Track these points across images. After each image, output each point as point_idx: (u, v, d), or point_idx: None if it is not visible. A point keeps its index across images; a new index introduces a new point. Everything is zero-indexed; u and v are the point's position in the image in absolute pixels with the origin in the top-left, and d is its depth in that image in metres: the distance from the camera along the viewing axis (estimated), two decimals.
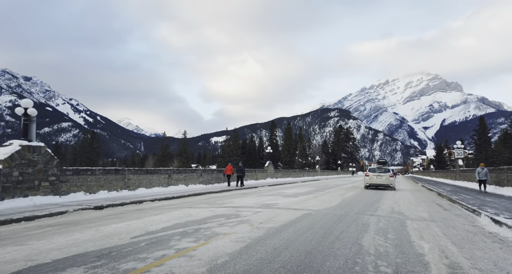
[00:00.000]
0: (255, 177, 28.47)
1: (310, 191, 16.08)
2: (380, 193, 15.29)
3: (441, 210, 9.30)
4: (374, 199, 12.06)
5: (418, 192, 17.49)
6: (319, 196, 13.01)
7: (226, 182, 20.79)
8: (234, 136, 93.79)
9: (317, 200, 11.24)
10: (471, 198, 11.78)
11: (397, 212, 8.49)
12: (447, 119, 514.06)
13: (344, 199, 11.85)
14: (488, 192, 13.99)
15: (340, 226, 6.17)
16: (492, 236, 5.49)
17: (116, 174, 13.50)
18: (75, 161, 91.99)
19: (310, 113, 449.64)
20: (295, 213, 7.86)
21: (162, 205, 9.84)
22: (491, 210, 8.04)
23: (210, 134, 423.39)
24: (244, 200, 11.13)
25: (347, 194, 14.61)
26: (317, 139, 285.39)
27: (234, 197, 12.88)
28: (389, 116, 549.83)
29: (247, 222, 6.33)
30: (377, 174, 18.19)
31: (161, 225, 5.95)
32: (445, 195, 13.17)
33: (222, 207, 8.91)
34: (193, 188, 17.36)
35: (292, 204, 9.77)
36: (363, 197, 12.84)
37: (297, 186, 22.28)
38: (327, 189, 18.37)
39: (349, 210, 8.74)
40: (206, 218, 6.83)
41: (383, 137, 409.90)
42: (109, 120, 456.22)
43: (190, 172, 19.03)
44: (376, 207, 9.49)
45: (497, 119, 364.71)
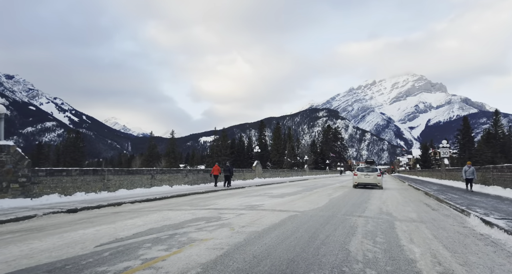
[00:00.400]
0: (243, 177, 28.05)
1: (297, 191, 15.77)
2: (368, 193, 15.12)
3: (430, 210, 9.12)
4: (362, 199, 11.83)
5: (405, 191, 17.44)
6: (306, 196, 12.70)
7: (213, 182, 20.34)
8: (223, 136, 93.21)
9: (304, 201, 10.91)
10: (458, 197, 11.70)
11: (386, 213, 8.24)
12: (432, 119, 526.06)
13: (331, 199, 11.57)
14: (474, 191, 13.98)
15: (326, 229, 5.83)
16: (484, 238, 5.25)
17: (94, 174, 12.84)
18: (58, 161, 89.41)
19: (299, 113, 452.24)
20: (280, 215, 7.49)
21: (142, 208, 9.31)
22: (479, 209, 7.87)
23: (199, 134, 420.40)
24: (228, 201, 10.70)
25: (335, 194, 14.37)
26: (306, 139, 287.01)
27: (219, 198, 12.43)
28: (376, 116, 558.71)
29: (228, 226, 5.91)
30: (365, 173, 18.39)
31: (134, 230, 5.47)
32: (432, 194, 13.08)
33: (204, 209, 8.46)
34: (177, 189, 16.81)
35: (278, 205, 9.41)
36: (350, 197, 12.61)
37: (285, 186, 21.98)
38: (314, 188, 18.13)
39: (336, 211, 8.44)
40: (185, 222, 6.38)
41: (370, 136, 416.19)
42: (95, 120, 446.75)
43: (175, 172, 18.46)
44: (364, 208, 9.23)
45: (479, 119, 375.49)
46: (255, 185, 21.50)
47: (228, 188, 18.38)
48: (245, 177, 28.64)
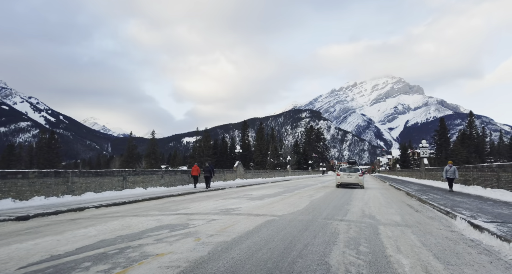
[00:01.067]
0: (223, 178, 27.24)
1: (278, 192, 15.18)
2: (349, 193, 14.75)
3: (413, 211, 8.73)
4: (344, 201, 11.38)
5: (386, 191, 17.23)
6: (287, 198, 12.12)
7: (193, 184, 19.52)
8: (205, 136, 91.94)
9: (284, 203, 10.31)
10: (441, 197, 11.46)
11: (368, 216, 7.75)
12: (410, 120, 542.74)
13: (312, 201, 11.04)
14: (455, 191, 13.86)
15: (305, 237, 5.22)
16: (475, 245, 4.79)
17: (56, 177, 11.72)
18: (31, 163, 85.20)
19: (282, 114, 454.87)
20: (256, 220, 6.83)
21: (106, 213, 8.40)
22: (465, 211, 7.52)
23: (181, 135, 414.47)
24: (203, 205, 9.94)
25: (316, 195, 13.88)
26: (289, 139, 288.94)
27: (194, 200, 11.63)
28: (357, 117, 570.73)
29: (194, 235, 5.18)
30: (348, 173, 18.94)
31: (80, 243, 4.64)
32: (414, 195, 12.83)
33: (174, 214, 7.67)
34: (152, 191, 15.83)
35: (255, 209, 8.74)
36: (332, 198, 12.14)
37: (266, 186, 21.38)
38: (296, 189, 17.62)
39: (317, 214, 7.87)
40: (146, 231, 5.58)
41: (351, 137, 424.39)
42: (73, 120, 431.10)
43: (150, 174, 17.44)
44: (346, 210, 8.73)
45: (454, 121, 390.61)
46: (235, 186, 20.78)
47: (207, 189, 17.61)
48: (226, 177, 27.83)
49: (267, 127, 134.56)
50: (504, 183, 11.09)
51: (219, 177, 26.50)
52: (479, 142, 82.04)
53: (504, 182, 11.20)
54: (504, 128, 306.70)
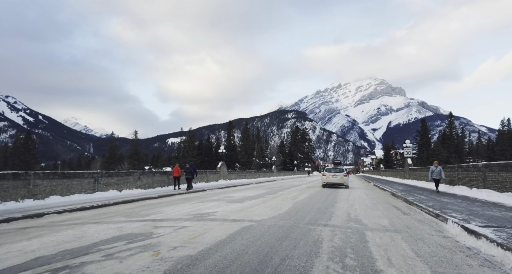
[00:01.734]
0: (206, 179, 26.35)
1: (261, 194, 14.52)
2: (334, 194, 14.27)
3: (400, 214, 8.24)
4: (328, 202, 10.83)
5: (371, 192, 16.88)
6: (269, 200, 11.46)
7: (174, 185, 18.66)
8: (190, 136, 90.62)
9: (265, 206, 9.64)
10: (427, 198, 11.10)
11: (354, 220, 7.19)
12: (392, 121, 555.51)
13: (296, 203, 10.42)
14: (441, 191, 13.57)
15: (284, 247, 4.55)
16: (474, 255, 4.26)
17: (15, 179, 10.61)
18: (6, 165, 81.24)
19: (268, 114, 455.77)
20: (232, 226, 6.12)
21: (65, 220, 7.49)
22: (455, 214, 7.07)
23: (166, 135, 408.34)
24: (177, 209, 9.13)
25: (300, 196, 13.30)
26: (275, 140, 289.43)
27: (170, 204, 10.80)
28: (342, 118, 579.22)
29: (153, 248, 4.41)
30: (333, 173, 19.43)
31: (7, 263, 3.79)
32: (400, 196, 12.45)
33: (140, 221, 6.85)
34: (127, 194, 14.85)
35: (233, 213, 8.02)
36: (316, 200, 11.57)
37: (249, 188, 20.68)
38: (280, 191, 17.01)
39: (299, 218, 7.24)
40: (99, 243, 4.77)
41: (336, 138, 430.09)
42: (53, 120, 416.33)
43: (125, 175, 16.40)
44: (330, 213, 8.15)
45: (434, 122, 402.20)
46: (218, 188, 20.00)
47: (188, 191, 16.80)
48: (209, 178, 26.95)
49: (253, 128, 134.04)
50: (491, 183, 10.83)
51: (201, 178, 25.62)
52: (459, 142, 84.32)
53: (490, 182, 10.96)
54: (481, 129, 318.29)
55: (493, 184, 10.66)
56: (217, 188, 20.02)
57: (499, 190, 10.32)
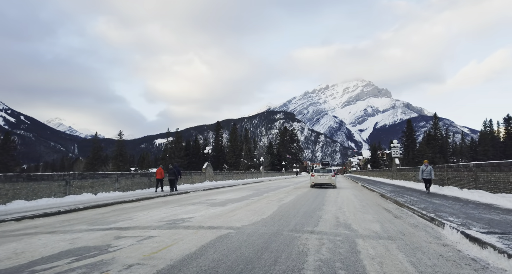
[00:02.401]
0: (190, 181, 25.43)
1: (246, 196, 13.80)
2: (322, 196, 13.70)
3: (392, 217, 7.69)
4: (316, 205, 10.22)
5: (360, 193, 16.43)
6: (253, 203, 10.75)
7: (156, 187, 17.85)
8: (177, 137, 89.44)
9: (248, 210, 8.93)
10: (418, 200, 10.64)
11: (343, 225, 6.57)
12: (379, 122, 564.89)
13: (281, 206, 9.76)
14: (432, 192, 13.15)
15: (263, 262, 3.86)
16: (482, 269, 3.66)
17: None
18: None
19: (257, 115, 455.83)
20: (206, 235, 5.38)
21: (23, 228, 6.59)
22: (451, 217, 6.54)
23: (153, 136, 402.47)
24: (151, 214, 8.31)
25: (287, 198, 12.66)
26: (263, 141, 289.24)
27: (146, 208, 9.95)
28: (329, 119, 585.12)
29: (102, 268, 3.63)
30: (321, 174, 19.80)
31: None
32: (390, 197, 11.97)
33: (102, 230, 6.02)
34: (102, 197, 13.86)
35: (211, 218, 7.28)
36: (303, 203, 10.95)
37: (235, 189, 19.93)
38: (266, 192, 16.34)
39: (284, 224, 6.57)
40: (38, 261, 3.94)
41: (324, 138, 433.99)
42: (36, 121, 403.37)
43: (101, 177, 15.37)
44: (317, 217, 7.52)
45: (419, 123, 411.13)
46: (202, 189, 19.17)
47: (171, 193, 15.95)
48: (193, 180, 26.03)
49: (241, 129, 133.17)
50: (483, 184, 10.47)
51: (186, 180, 24.70)
52: (443, 142, 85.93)
53: (482, 182, 10.60)
54: (463, 130, 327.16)
55: (485, 184, 10.30)
56: (201, 190, 19.22)
57: (491, 190, 9.95)
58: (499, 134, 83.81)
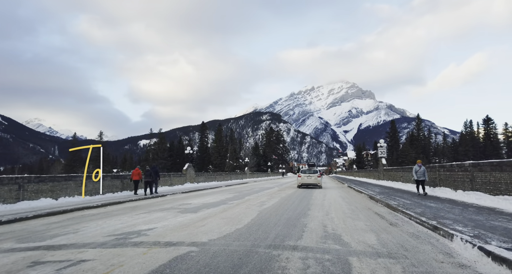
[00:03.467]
0: (169, 182, 23.94)
1: (224, 200, 12.58)
2: (307, 199, 12.66)
3: (387, 225, 6.68)
4: (300, 210, 9.13)
5: (347, 195, 15.52)
6: (231, 209, 9.56)
7: (135, 190, 16.43)
8: (160, 137, 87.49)
9: (222, 217, 7.73)
10: (411, 203, 9.72)
11: (332, 236, 5.48)
12: (363, 123, 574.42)
13: (262, 212, 8.62)
14: (425, 194, 12.21)
15: None
16: None
17: None
18: None
19: (243, 116, 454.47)
20: (158, 257, 4.15)
21: None
22: (457, 226, 5.57)
23: (138, 137, 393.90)
24: (106, 224, 6.98)
25: (269, 202, 11.53)
26: (250, 142, 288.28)
27: (106, 216, 8.60)
28: (315, 120, 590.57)
29: None
30: (308, 175, 20.36)
31: None
32: (380, 199, 11.04)
33: (26, 250, 4.67)
34: (65, 203, 12.34)
35: (174, 230, 6.03)
36: (287, 207, 9.84)
37: (216, 192, 18.66)
38: (248, 195, 15.17)
39: (261, 236, 5.41)
40: None
41: (310, 139, 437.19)
42: (13, 121, 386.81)
43: (63, 180, 13.79)
44: (302, 226, 6.41)
45: (402, 124, 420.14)
46: (181, 192, 17.83)
47: (145, 197, 14.65)
48: (173, 182, 24.54)
49: (228, 130, 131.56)
50: (480, 185, 9.67)
51: (165, 182, 23.22)
52: (426, 143, 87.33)
53: (480, 183, 9.81)
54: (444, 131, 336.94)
55: (484, 185, 9.50)
56: (180, 193, 17.90)
57: (491, 192, 9.15)
58: (478, 135, 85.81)
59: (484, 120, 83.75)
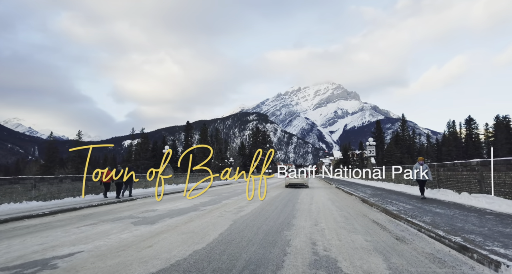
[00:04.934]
0: (144, 185, 21.95)
1: (197, 205, 10.86)
2: (292, 202, 11.13)
3: (394, 241, 5.17)
4: (283, 218, 7.56)
5: (336, 197, 14.10)
6: (199, 217, 7.87)
7: (104, 193, 14.74)
8: (142, 137, 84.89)
9: (183, 231, 6.03)
10: (413, 208, 8.31)
11: (325, 262, 3.91)
12: (348, 124, 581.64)
13: (236, 222, 6.99)
14: (425, 197, 10.60)
15: None
16: None
17: None
18: None
19: (230, 116, 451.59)
20: None
21: None
22: (493, 245, 4.11)
23: (122, 137, 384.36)
24: (26, 243, 5.18)
25: (248, 207, 9.91)
26: (237, 142, 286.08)
27: (46, 228, 6.79)
28: (302, 121, 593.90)
29: None
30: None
31: None
32: (374, 203, 9.61)
33: None
34: (7, 210, 10.33)
35: (101, 258, 4.30)
36: (268, 214, 8.25)
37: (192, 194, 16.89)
38: (226, 198, 13.53)
39: (224, 265, 3.78)
40: None
41: (296, 140, 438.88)
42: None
43: (8, 183, 11.72)
44: (284, 244, 4.82)
45: (385, 125, 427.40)
46: (153, 195, 16.03)
47: (114, 201, 12.87)
48: (148, 184, 22.54)
49: (213, 129, 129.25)
50: (494, 186, 8.30)
51: (139, 184, 21.22)
52: (411, 143, 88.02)
53: (491, 184, 8.48)
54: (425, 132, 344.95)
55: (497, 187, 8.18)
56: (152, 196, 16.10)
57: (507, 195, 7.85)
58: (461, 135, 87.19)
59: (466, 121, 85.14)
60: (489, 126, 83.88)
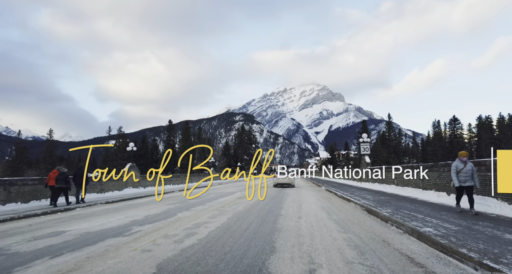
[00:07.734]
0: (100, 188, 18.36)
1: (136, 221, 7.56)
2: (274, 216, 8.01)
3: None
4: (256, 251, 4.45)
5: (331, 204, 11.12)
6: (110, 253, 4.66)
7: (51, 199, 11.66)
8: (120, 136, 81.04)
9: (123, 260, 2.84)
10: (460, 229, 5.35)
11: None
12: (333, 125, 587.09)
13: (169, 262, 3.84)
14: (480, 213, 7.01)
15: None
16: None
17: None
18: None
19: (216, 117, 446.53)
20: None
21: None
22: None
23: (105, 138, 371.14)
24: None
25: (209, 225, 6.72)
26: (223, 143, 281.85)
27: None
28: (288, 121, 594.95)
29: None
30: (282, 175, 22.95)
31: None
32: (390, 218, 6.63)
33: None
34: None
35: None
36: (245, 227, 5.11)
37: (146, 203, 13.58)
38: (187, 209, 10.26)
39: None
40: None
41: (282, 140, 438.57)
42: None
43: None
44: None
45: (369, 126, 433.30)
46: (105, 202, 12.66)
47: (52, 210, 9.46)
48: (105, 187, 18.91)
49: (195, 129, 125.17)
50: None
51: (94, 187, 17.62)
52: (397, 143, 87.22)
53: None
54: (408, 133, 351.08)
55: None
56: (105, 203, 12.77)
57: None
58: (445, 135, 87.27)
59: (450, 121, 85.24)
60: (472, 127, 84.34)
